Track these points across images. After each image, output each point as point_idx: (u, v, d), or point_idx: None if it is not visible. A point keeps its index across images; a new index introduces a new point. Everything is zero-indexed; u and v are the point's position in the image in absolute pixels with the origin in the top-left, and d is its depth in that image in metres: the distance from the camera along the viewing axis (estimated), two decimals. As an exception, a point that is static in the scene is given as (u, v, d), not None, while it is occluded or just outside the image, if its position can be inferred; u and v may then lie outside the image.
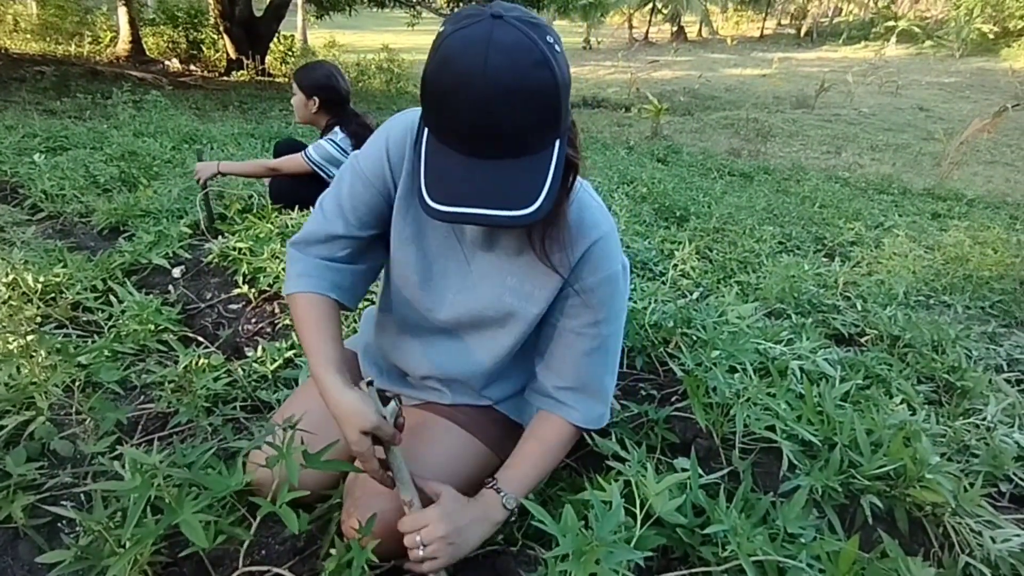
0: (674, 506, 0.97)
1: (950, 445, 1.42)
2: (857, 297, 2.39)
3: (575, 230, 0.94)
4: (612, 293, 0.99)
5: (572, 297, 0.98)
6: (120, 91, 5.37)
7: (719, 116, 11.01)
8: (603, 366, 1.04)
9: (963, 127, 8.69)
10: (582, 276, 0.96)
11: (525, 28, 0.72)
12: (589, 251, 0.95)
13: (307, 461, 0.88)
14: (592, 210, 0.97)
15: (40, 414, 1.18)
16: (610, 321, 1.01)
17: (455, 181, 0.76)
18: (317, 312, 0.98)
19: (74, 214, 2.60)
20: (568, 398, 1.04)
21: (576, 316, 0.99)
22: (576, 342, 1.01)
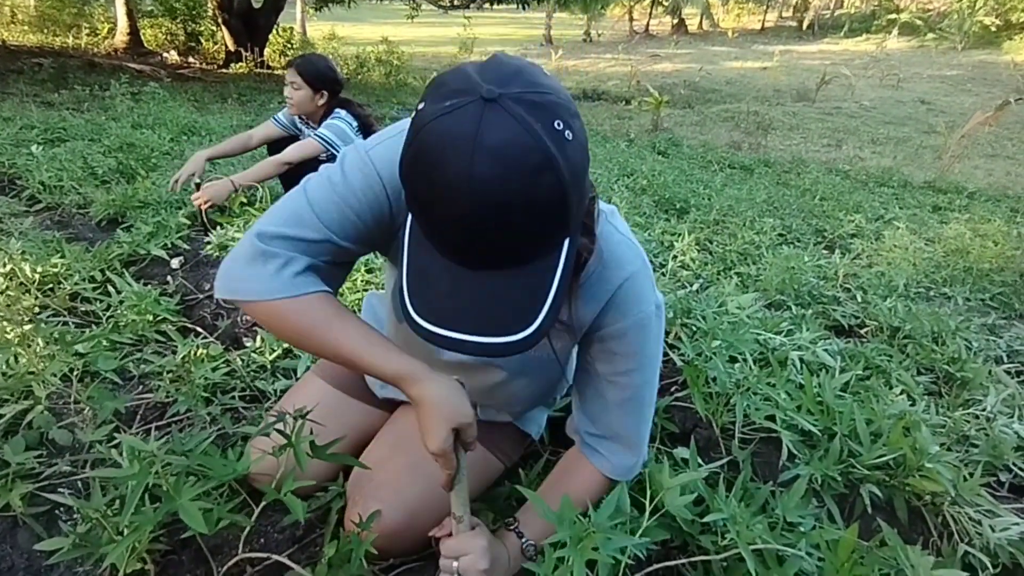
0: (685, 501, 0.97)
1: (949, 435, 1.42)
2: (857, 289, 2.39)
3: (597, 273, 0.83)
4: (644, 338, 0.88)
5: (602, 342, 0.89)
6: (118, 83, 5.33)
7: (719, 109, 10.97)
8: (636, 416, 0.95)
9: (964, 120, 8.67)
10: (608, 322, 0.86)
11: (524, 115, 0.57)
12: (615, 295, 0.84)
13: (314, 452, 0.87)
14: (617, 246, 0.85)
15: (38, 403, 1.18)
16: (643, 369, 0.91)
17: (440, 294, 0.65)
18: (338, 307, 0.80)
19: (72, 205, 2.59)
20: (600, 446, 0.98)
21: (606, 362, 0.91)
22: (607, 391, 0.93)
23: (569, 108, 0.62)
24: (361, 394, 1.16)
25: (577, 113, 0.64)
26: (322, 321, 0.77)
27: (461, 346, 0.63)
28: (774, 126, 9.51)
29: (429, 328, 0.64)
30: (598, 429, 0.98)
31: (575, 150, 0.61)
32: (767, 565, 0.97)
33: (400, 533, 0.95)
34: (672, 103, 10.33)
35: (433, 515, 0.99)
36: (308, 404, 0.93)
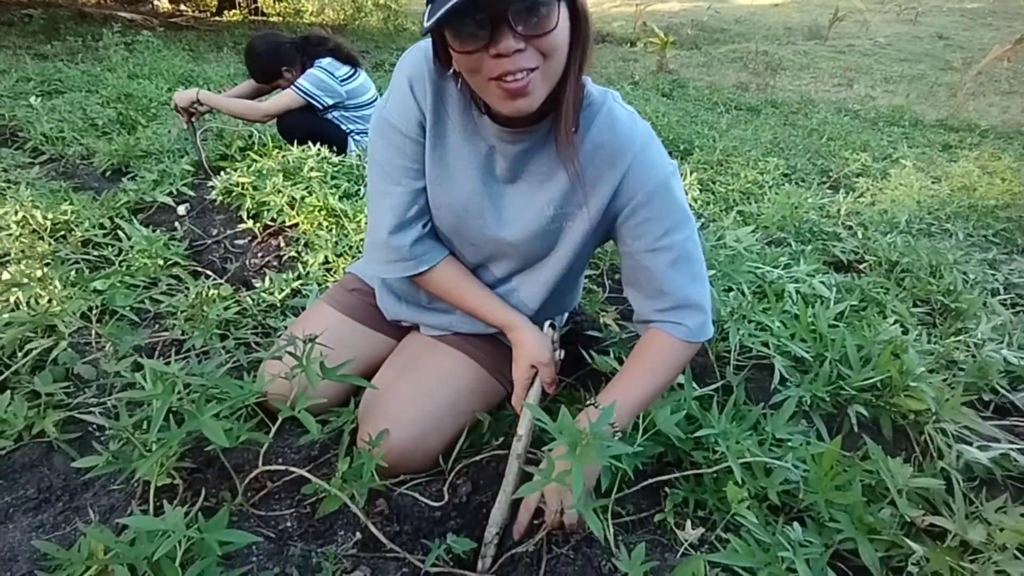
0: (674, 420, 1.02)
1: (938, 361, 1.47)
2: (859, 226, 2.39)
3: (610, 146, 0.92)
4: (672, 198, 0.95)
5: (632, 217, 0.96)
6: (111, 32, 5.24)
7: (727, 49, 10.62)
8: (688, 275, 0.99)
9: (983, 56, 8.37)
10: (634, 192, 0.94)
11: None
12: (632, 165, 0.92)
13: (325, 373, 0.92)
14: (623, 120, 0.94)
15: (62, 339, 1.23)
16: (681, 227, 0.96)
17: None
18: (454, 273, 1.06)
19: (75, 156, 2.60)
20: (671, 316, 1.01)
21: (644, 234, 0.96)
22: (654, 260, 0.97)
23: None
24: (370, 320, 1.21)
25: None
26: (446, 288, 1.06)
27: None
28: (783, 66, 9.23)
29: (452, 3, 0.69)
30: (662, 303, 1.00)
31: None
32: (755, 476, 1.03)
33: (409, 451, 1.02)
34: (679, 44, 10.01)
35: (440, 434, 1.06)
36: (317, 330, 0.97)
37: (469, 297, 1.06)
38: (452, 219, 1.01)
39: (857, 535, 0.94)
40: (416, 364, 1.11)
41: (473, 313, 1.08)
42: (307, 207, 1.90)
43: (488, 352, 1.13)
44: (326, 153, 2.24)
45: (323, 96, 2.41)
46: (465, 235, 1.03)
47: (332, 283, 1.62)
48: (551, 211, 0.97)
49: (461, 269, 1.08)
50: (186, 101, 2.27)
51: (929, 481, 1.02)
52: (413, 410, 1.03)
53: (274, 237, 1.93)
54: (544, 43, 0.75)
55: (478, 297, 1.06)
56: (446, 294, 1.07)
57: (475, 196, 0.98)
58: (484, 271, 1.10)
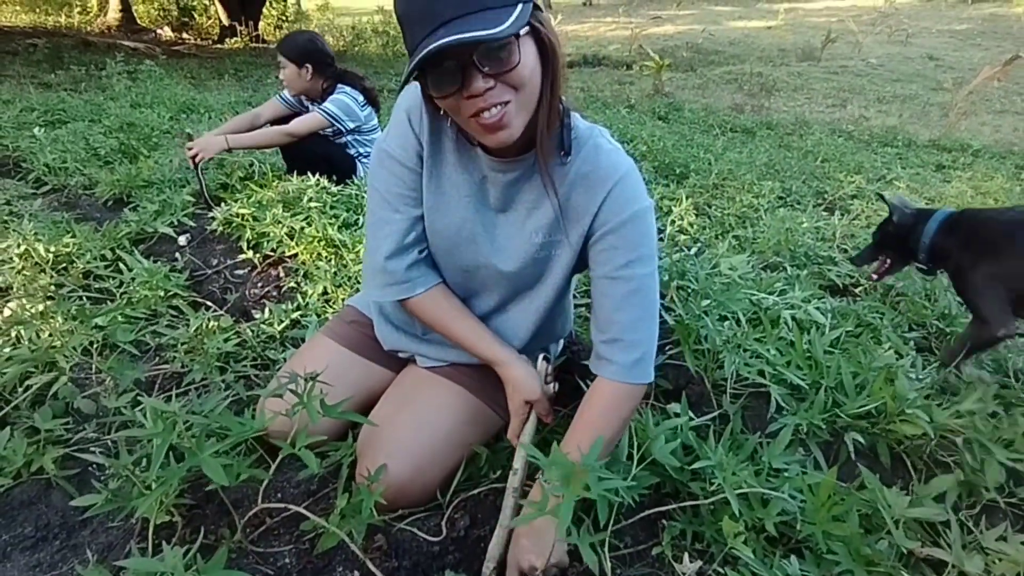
0: (669, 449, 1.03)
1: (934, 387, 1.47)
2: (853, 249, 2.41)
3: (593, 175, 0.96)
4: (642, 232, 0.97)
5: (600, 242, 0.98)
6: (114, 62, 5.32)
7: (722, 71, 10.77)
8: (640, 309, 0.99)
9: (973, 76, 8.48)
10: (608, 219, 0.96)
11: None
12: (611, 193, 0.95)
13: (325, 411, 0.93)
14: (608, 153, 0.98)
15: (62, 374, 1.24)
16: (644, 261, 0.98)
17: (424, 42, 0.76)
18: (446, 302, 1.08)
19: (78, 186, 2.63)
20: (608, 352, 1.00)
21: (608, 261, 0.98)
22: (611, 288, 0.98)
23: None
24: (369, 352, 1.23)
25: None
26: (434, 316, 1.08)
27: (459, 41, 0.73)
28: (778, 87, 9.35)
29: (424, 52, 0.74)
30: (607, 334, 1.00)
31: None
32: (752, 507, 1.03)
33: (407, 485, 1.02)
34: (674, 66, 10.16)
35: (438, 467, 1.07)
36: (317, 363, 0.99)
37: (460, 328, 1.08)
38: (446, 244, 1.05)
39: (855, 567, 0.94)
40: (413, 397, 1.12)
41: (463, 346, 1.10)
42: (306, 237, 1.92)
43: (484, 383, 1.14)
44: (325, 183, 2.27)
45: (347, 120, 2.48)
46: (458, 261, 1.06)
47: (331, 314, 1.64)
48: (539, 239, 1.01)
49: (454, 299, 1.10)
50: (215, 152, 2.32)
51: (926, 511, 1.02)
52: (410, 444, 1.04)
53: (274, 267, 1.95)
54: (511, 78, 0.80)
55: (469, 329, 1.09)
56: (437, 322, 1.09)
57: (468, 223, 1.02)
58: (476, 300, 1.12)
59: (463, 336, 1.09)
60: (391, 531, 1.01)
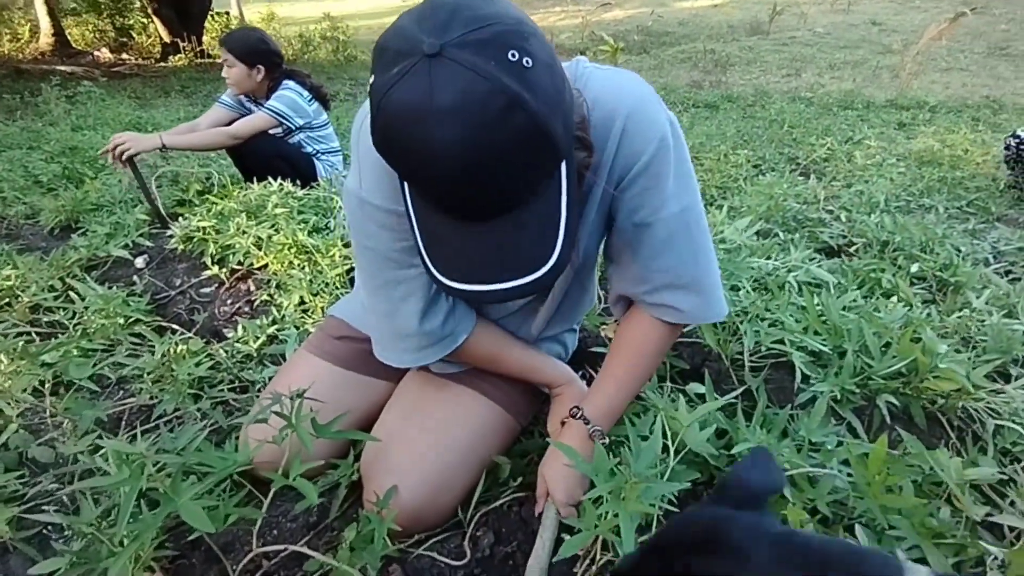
0: (704, 437, 0.94)
1: (953, 337, 1.42)
2: (840, 209, 2.37)
3: (596, 116, 0.76)
4: (669, 159, 0.80)
5: (630, 188, 0.81)
6: (49, 86, 5.02)
7: (676, 51, 10.83)
8: (688, 250, 0.84)
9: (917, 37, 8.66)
10: (629, 162, 0.79)
11: (473, 59, 0.53)
12: (624, 133, 0.77)
13: (318, 432, 0.81)
14: (602, 80, 0.79)
15: (10, 422, 1.09)
16: (680, 194, 0.81)
17: (453, 252, 0.65)
18: (489, 337, 0.97)
19: (19, 216, 2.43)
20: (663, 298, 0.87)
21: (640, 206, 0.82)
22: (649, 235, 0.83)
23: (521, 31, 0.56)
24: (365, 367, 1.08)
25: (534, 30, 0.59)
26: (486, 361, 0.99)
27: (490, 296, 0.64)
28: (732, 62, 9.42)
29: (455, 287, 0.65)
30: (652, 283, 0.87)
31: (541, 74, 0.56)
32: (800, 488, 0.95)
33: (422, 509, 0.90)
34: (627, 50, 10.15)
35: (457, 486, 0.95)
36: (303, 382, 0.86)
37: (512, 359, 1.00)
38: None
39: (922, 541, 0.86)
40: (423, 407, 0.99)
41: (519, 375, 1.02)
42: (275, 246, 1.78)
43: (503, 388, 1.02)
44: (289, 187, 2.12)
45: (295, 117, 2.33)
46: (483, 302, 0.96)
47: (311, 325, 1.51)
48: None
49: (495, 330, 1.00)
50: (144, 149, 2.09)
51: (983, 471, 0.95)
52: (424, 462, 0.92)
53: (243, 281, 1.80)
54: None
55: (523, 358, 1.01)
56: (487, 362, 0.99)
57: None
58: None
59: (516, 367, 1.01)
60: (408, 559, 0.90)
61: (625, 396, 0.94)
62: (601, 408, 0.92)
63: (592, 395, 0.94)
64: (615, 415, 0.94)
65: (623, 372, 0.93)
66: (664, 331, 0.93)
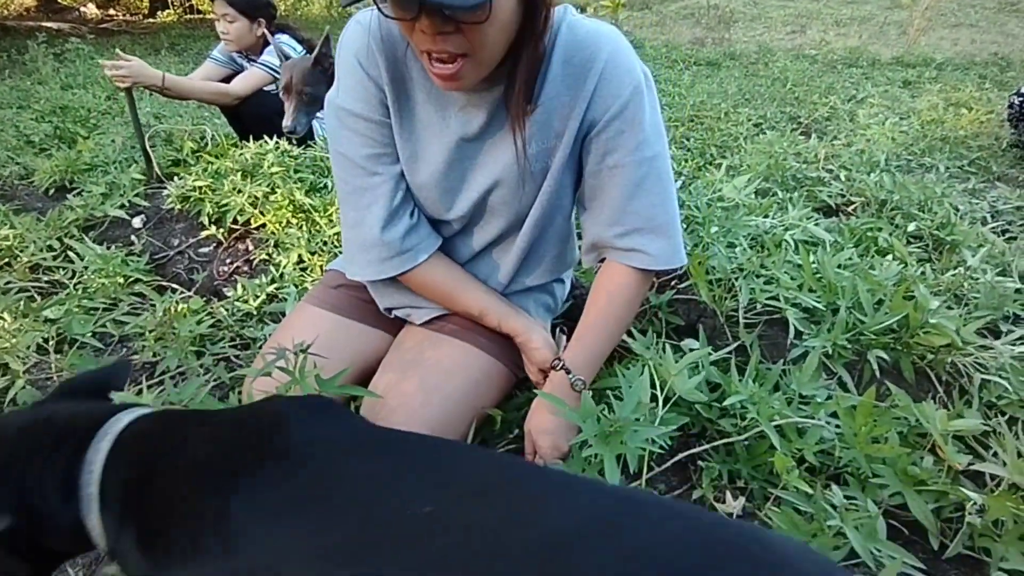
0: (693, 384, 0.96)
1: (946, 295, 1.43)
2: (840, 168, 2.35)
3: (575, 60, 0.83)
4: (643, 106, 0.86)
5: (604, 131, 0.87)
6: (36, 44, 4.91)
7: (678, 6, 10.54)
8: (660, 193, 0.90)
9: (927, -9, 8.44)
10: (607, 104, 0.85)
11: None
12: (602, 76, 0.84)
13: (322, 386, 0.83)
14: (587, 28, 0.85)
15: (17, 377, 1.11)
16: (652, 141, 0.88)
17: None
18: (449, 272, 1.00)
19: (13, 177, 2.41)
20: (632, 242, 0.92)
21: (615, 148, 0.87)
22: (622, 176, 0.88)
23: None
24: (362, 316, 1.11)
25: None
26: (434, 289, 1.00)
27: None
28: (736, 18, 9.19)
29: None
30: (624, 225, 0.92)
31: None
32: (788, 439, 0.97)
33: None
34: (629, 5, 9.90)
35: (453, 436, 0.97)
36: (305, 333, 0.88)
37: (469, 300, 1.01)
38: (435, 194, 0.95)
39: (904, 488, 0.89)
40: (418, 360, 1.01)
41: (472, 317, 1.03)
42: (272, 205, 1.78)
43: (496, 338, 1.04)
44: (285, 146, 2.10)
45: None
46: (448, 205, 0.96)
47: (310, 284, 1.52)
48: (533, 149, 0.89)
49: (455, 267, 1.02)
50: (146, 82, 2.09)
51: (967, 423, 0.97)
52: (420, 413, 0.94)
53: (241, 241, 1.81)
54: (474, 34, 0.69)
55: (478, 299, 1.01)
56: (442, 295, 1.01)
57: (454, 163, 0.91)
58: (475, 235, 1.02)
59: (472, 305, 1.01)
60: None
61: (604, 345, 0.96)
62: (580, 357, 0.95)
63: (572, 346, 0.97)
64: (596, 364, 0.97)
65: (599, 321, 0.96)
66: (636, 278, 0.96)
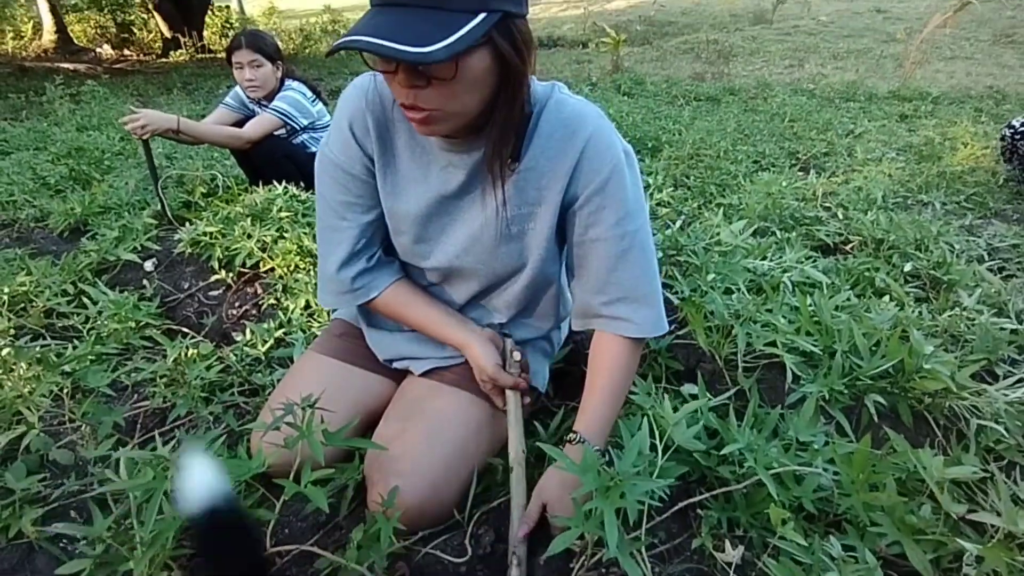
0: (692, 434, 0.98)
1: (942, 336, 1.45)
2: (837, 206, 2.40)
3: (560, 134, 0.89)
4: (624, 183, 0.91)
5: (586, 205, 0.92)
6: (53, 86, 5.07)
7: (678, 41, 10.78)
8: (642, 265, 0.95)
9: (921, 25, 8.61)
10: (587, 181, 0.90)
11: None
12: (585, 151, 0.89)
13: (328, 440, 0.86)
14: (572, 108, 0.90)
15: (32, 428, 1.14)
16: (633, 216, 0.93)
17: (360, 24, 0.71)
18: (405, 295, 1.06)
19: (29, 219, 2.47)
20: (617, 310, 0.96)
21: (596, 223, 0.92)
22: (606, 249, 0.93)
23: None
24: (365, 363, 1.16)
25: None
26: (396, 313, 1.08)
27: (370, 46, 0.67)
28: (735, 53, 9.39)
29: (342, 41, 0.68)
30: (609, 295, 0.96)
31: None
32: (786, 486, 0.99)
33: (425, 505, 0.95)
34: (630, 41, 10.13)
35: (455, 481, 1.00)
36: (312, 382, 0.92)
37: (418, 315, 1.07)
38: (418, 249, 1.02)
39: (902, 538, 0.90)
40: (418, 410, 1.05)
41: (423, 331, 1.09)
42: (281, 250, 1.82)
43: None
44: (294, 191, 2.16)
45: (300, 117, 2.39)
46: (424, 255, 1.02)
47: (318, 329, 1.55)
48: (509, 212, 0.94)
49: (414, 291, 1.08)
50: (161, 128, 2.16)
51: (964, 470, 0.99)
52: (423, 461, 0.97)
53: (250, 285, 1.85)
54: (444, 88, 0.74)
55: (429, 314, 1.07)
56: (399, 316, 1.09)
57: (434, 218, 0.97)
58: (454, 289, 1.09)
59: (424, 322, 1.07)
60: (414, 557, 0.94)
61: (611, 411, 0.98)
62: (594, 426, 0.96)
63: (583, 416, 0.98)
64: (607, 431, 0.98)
65: (605, 389, 0.98)
66: (626, 346, 0.99)
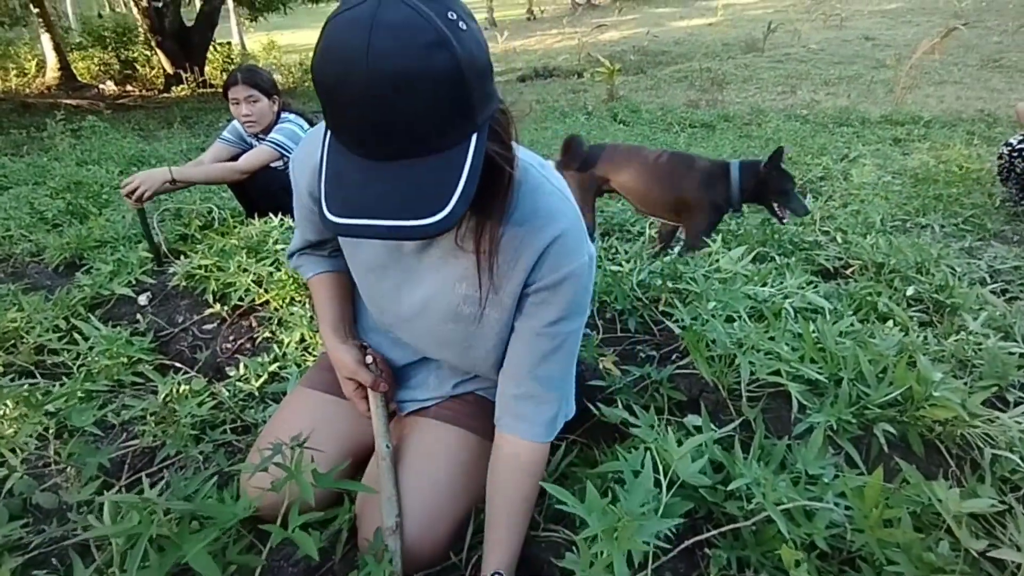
0: (697, 468, 0.95)
1: (950, 362, 1.42)
2: (836, 230, 2.39)
3: (529, 224, 0.83)
4: (577, 288, 0.87)
5: (534, 296, 0.88)
6: (54, 121, 5.12)
7: (672, 70, 10.97)
8: (564, 365, 0.93)
9: (910, 51, 8.77)
10: (542, 275, 0.85)
11: (419, 4, 0.60)
12: (548, 249, 0.83)
13: (318, 481, 0.83)
14: (549, 198, 0.84)
15: (14, 471, 1.10)
16: (573, 318, 0.90)
17: (352, 188, 0.66)
18: (324, 286, 1.10)
19: (24, 254, 2.47)
20: (520, 408, 0.93)
21: (535, 316, 0.89)
22: (534, 343, 0.90)
23: (464, 8, 0.65)
24: None
25: (474, 18, 0.67)
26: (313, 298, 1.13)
27: (373, 232, 0.64)
28: (728, 80, 9.54)
29: (341, 222, 0.65)
30: (522, 388, 0.92)
31: (470, 40, 0.63)
32: (796, 522, 0.95)
33: (417, 544, 0.92)
34: (624, 70, 10.29)
35: (449, 518, 0.97)
36: (300, 419, 0.90)
37: (318, 307, 1.10)
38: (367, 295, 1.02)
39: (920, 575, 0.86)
40: (408, 448, 1.02)
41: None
42: (276, 284, 1.80)
43: (479, 416, 1.05)
44: (290, 223, 2.15)
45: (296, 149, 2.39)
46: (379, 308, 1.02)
47: (312, 362, 1.52)
48: (462, 290, 0.89)
49: (330, 284, 1.11)
50: (157, 184, 2.09)
51: (980, 503, 0.95)
52: (413, 498, 0.93)
53: (244, 318, 1.83)
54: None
55: (321, 311, 1.10)
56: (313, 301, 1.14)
57: (389, 272, 0.94)
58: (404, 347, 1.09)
59: (319, 315, 1.10)
60: (409, 603, 0.90)
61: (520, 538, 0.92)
62: (507, 559, 0.89)
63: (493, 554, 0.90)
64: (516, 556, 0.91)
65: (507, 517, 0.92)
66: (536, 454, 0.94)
